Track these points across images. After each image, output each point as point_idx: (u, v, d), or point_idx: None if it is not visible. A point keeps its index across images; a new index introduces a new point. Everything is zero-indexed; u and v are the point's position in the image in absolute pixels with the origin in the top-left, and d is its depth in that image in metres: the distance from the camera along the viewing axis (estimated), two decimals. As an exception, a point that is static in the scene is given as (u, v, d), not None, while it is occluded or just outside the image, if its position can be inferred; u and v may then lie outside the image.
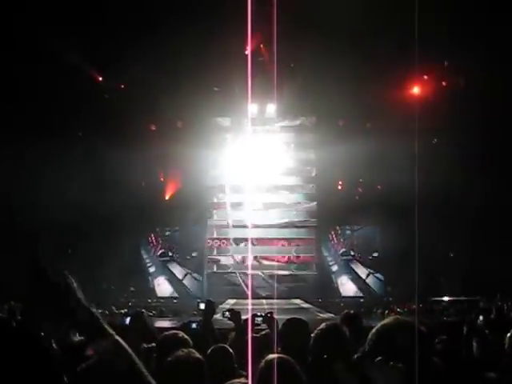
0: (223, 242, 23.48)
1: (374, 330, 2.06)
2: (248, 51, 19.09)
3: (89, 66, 19.73)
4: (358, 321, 4.10)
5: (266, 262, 22.89)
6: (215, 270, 23.27)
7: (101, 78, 21.41)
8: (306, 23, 18.44)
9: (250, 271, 22.58)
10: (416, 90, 21.54)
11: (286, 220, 23.47)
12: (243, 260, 23.11)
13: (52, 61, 17.62)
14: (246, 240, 22.93)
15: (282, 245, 23.36)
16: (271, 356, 2.81)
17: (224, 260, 23.36)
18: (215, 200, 23.59)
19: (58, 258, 20.07)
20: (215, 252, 23.53)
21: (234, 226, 23.32)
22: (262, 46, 21.51)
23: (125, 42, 18.62)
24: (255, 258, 21.90)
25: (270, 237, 23.12)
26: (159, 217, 22.65)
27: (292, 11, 16.68)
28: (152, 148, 20.96)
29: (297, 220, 23.60)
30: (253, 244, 22.58)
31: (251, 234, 22.57)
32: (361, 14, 16.85)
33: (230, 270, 23.06)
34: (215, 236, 23.59)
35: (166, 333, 3.72)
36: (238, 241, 23.35)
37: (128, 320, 4.56)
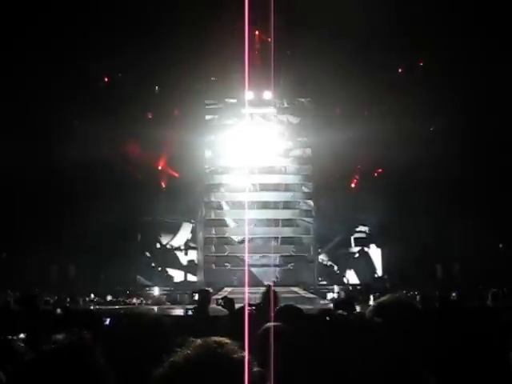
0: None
1: (371, 307, 2.08)
2: (245, 39, 18.96)
3: (85, 55, 19.62)
4: (352, 307, 4.12)
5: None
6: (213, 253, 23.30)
7: (97, 67, 21.32)
8: (303, 12, 18.35)
9: (246, 254, 22.58)
10: (412, 75, 21.47)
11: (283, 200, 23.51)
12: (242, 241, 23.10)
13: (48, 49, 17.58)
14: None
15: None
16: (268, 324, 2.88)
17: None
18: (212, 182, 23.60)
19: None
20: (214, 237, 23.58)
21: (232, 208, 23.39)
22: (257, 33, 21.42)
23: (121, 31, 18.53)
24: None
25: (266, 217, 23.11)
26: (158, 203, 22.68)
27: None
28: (149, 136, 20.94)
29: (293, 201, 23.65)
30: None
31: (248, 215, 22.59)
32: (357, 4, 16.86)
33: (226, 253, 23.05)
34: (213, 217, 23.65)
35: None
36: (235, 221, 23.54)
37: (108, 321, 4.51)
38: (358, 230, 24.03)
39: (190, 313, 5.09)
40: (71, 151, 19.31)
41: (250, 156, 22.56)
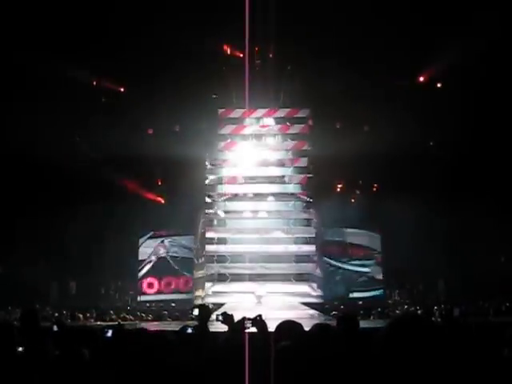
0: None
1: (386, 324, 2.09)
2: (245, 55, 19.14)
3: (87, 69, 19.75)
4: (354, 321, 4.09)
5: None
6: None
7: (99, 81, 21.45)
8: (302, 24, 18.49)
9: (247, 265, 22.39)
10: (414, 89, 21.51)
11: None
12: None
13: (51, 64, 17.70)
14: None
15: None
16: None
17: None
18: (212, 193, 23.52)
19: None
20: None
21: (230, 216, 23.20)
22: (257, 49, 21.56)
23: (124, 46, 18.68)
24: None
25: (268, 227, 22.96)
26: (157, 217, 22.66)
27: (288, 13, 16.78)
28: (149, 151, 20.98)
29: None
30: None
31: (249, 223, 22.47)
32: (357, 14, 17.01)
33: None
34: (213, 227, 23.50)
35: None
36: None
37: (110, 333, 4.46)
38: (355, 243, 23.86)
39: (189, 330, 5.03)
40: (73, 165, 19.41)
41: (250, 166, 22.52)
